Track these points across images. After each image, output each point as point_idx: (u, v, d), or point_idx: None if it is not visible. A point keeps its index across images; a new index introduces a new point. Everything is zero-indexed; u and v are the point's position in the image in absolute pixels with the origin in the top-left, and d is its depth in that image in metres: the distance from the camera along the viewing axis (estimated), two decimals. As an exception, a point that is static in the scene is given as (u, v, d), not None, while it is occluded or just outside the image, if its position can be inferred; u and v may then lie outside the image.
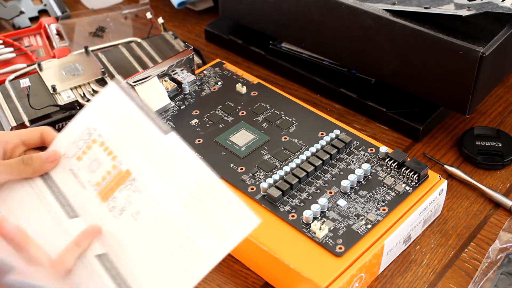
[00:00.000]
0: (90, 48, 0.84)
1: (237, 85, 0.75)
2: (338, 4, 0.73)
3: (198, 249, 0.49)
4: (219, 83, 0.76)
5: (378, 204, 0.61)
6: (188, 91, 0.75)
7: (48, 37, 0.92)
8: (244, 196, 0.62)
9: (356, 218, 0.60)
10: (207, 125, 0.70)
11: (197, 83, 0.76)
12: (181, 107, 0.73)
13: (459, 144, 0.75)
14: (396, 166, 0.64)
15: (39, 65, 0.80)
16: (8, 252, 0.50)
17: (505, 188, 0.70)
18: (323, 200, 0.60)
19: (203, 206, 0.50)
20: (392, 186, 0.63)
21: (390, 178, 0.63)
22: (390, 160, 0.65)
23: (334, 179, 0.64)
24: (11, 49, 0.88)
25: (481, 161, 0.72)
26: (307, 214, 0.59)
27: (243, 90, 0.75)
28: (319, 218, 0.60)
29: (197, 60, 0.82)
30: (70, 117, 0.75)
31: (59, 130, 0.74)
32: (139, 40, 0.87)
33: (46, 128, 0.61)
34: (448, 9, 0.70)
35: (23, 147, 0.60)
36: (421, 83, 0.72)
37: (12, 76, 0.80)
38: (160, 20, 0.88)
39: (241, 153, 0.67)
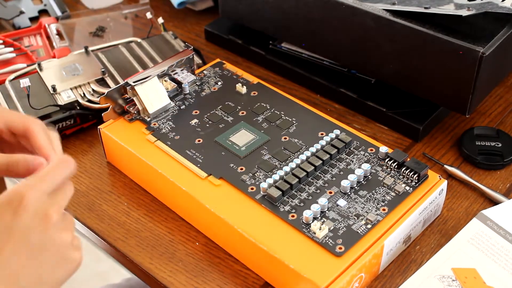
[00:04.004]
0: (90, 48, 0.84)
1: (237, 85, 0.75)
2: (338, 4, 0.73)
3: None
4: (219, 83, 0.76)
5: (378, 204, 0.61)
6: (188, 91, 0.75)
7: (48, 37, 0.92)
8: (244, 196, 0.62)
9: (356, 218, 0.60)
10: (207, 125, 0.70)
11: (197, 83, 0.76)
12: (181, 107, 0.73)
13: (459, 144, 0.75)
14: (396, 166, 0.64)
15: (39, 65, 0.80)
16: None
17: (505, 188, 0.70)
18: (323, 200, 0.60)
19: None
20: (392, 186, 0.63)
21: (390, 178, 0.63)
22: (390, 160, 0.65)
23: (334, 179, 0.64)
24: (11, 49, 0.88)
25: (481, 161, 0.72)
26: (307, 214, 0.59)
27: (243, 90, 0.75)
28: (319, 218, 0.60)
29: (197, 60, 0.82)
30: (70, 117, 0.75)
31: (59, 130, 0.75)
32: (139, 40, 0.87)
33: (36, 127, 0.51)
34: (448, 9, 0.70)
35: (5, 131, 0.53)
36: (421, 83, 0.72)
37: (12, 76, 0.80)
38: (160, 20, 0.88)
39: (241, 153, 0.67)
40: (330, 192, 0.62)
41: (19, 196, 0.43)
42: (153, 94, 0.71)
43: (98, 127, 0.71)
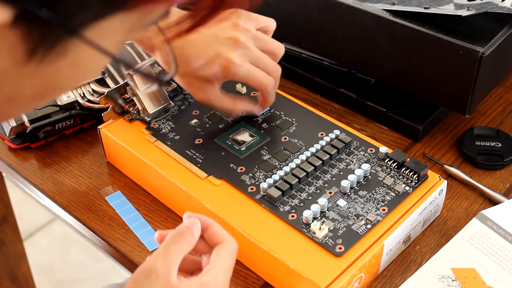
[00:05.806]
0: (90, 48, 0.83)
1: (237, 85, 0.75)
2: (338, 4, 0.73)
3: None
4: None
5: (378, 204, 0.61)
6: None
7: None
8: (244, 196, 0.62)
9: (356, 218, 0.60)
10: (207, 125, 0.70)
11: (197, 83, 0.76)
12: (181, 107, 0.73)
13: (459, 144, 0.75)
14: (396, 166, 0.64)
15: (39, 65, 0.80)
16: None
17: (505, 188, 0.70)
18: (323, 200, 0.60)
19: None
20: (392, 186, 0.63)
21: (390, 178, 0.63)
22: (390, 160, 0.65)
23: (334, 179, 0.64)
24: (11, 49, 0.88)
25: (481, 161, 0.72)
26: (307, 214, 0.59)
27: (243, 90, 0.75)
28: (319, 218, 0.60)
29: (197, 60, 0.82)
30: (70, 117, 0.75)
31: (59, 130, 0.75)
32: (139, 40, 0.87)
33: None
34: (448, 9, 0.70)
35: None
36: (421, 83, 0.72)
37: (12, 76, 0.80)
38: (160, 20, 0.88)
39: (241, 153, 0.67)
40: (330, 192, 0.62)
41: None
42: (153, 94, 0.71)
43: (98, 127, 0.71)
